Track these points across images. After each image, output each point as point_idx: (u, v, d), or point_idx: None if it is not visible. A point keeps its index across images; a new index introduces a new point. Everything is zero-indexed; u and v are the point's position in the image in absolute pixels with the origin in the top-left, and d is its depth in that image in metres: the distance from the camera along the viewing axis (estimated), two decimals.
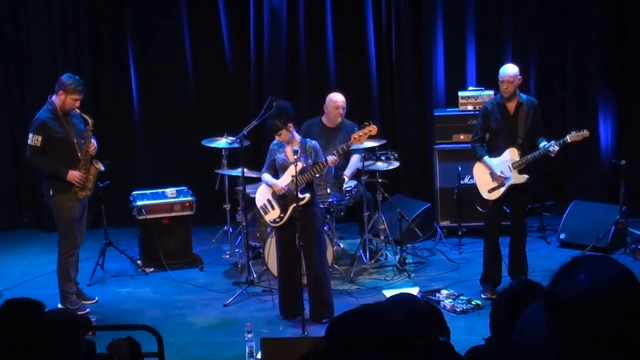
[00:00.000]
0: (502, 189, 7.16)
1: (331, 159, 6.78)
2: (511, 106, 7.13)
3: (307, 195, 6.76)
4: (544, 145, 7.03)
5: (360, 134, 6.94)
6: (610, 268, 1.91)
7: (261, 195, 7.10)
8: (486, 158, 7.21)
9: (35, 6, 9.70)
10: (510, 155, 7.13)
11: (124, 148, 9.89)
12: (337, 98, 8.24)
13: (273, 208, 7.00)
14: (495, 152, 7.21)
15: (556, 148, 7.00)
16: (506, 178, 7.10)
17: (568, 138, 7.10)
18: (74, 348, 3.55)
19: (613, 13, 9.31)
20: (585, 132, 7.11)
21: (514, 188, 7.16)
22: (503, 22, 9.46)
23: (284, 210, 6.92)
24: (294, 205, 6.73)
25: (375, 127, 6.99)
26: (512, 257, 7.37)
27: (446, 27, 9.49)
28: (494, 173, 7.13)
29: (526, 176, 7.14)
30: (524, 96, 7.22)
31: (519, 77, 7.15)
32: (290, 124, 6.78)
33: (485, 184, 7.24)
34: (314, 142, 6.98)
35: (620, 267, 1.92)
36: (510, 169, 7.12)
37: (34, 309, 3.36)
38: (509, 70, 7.12)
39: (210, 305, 7.47)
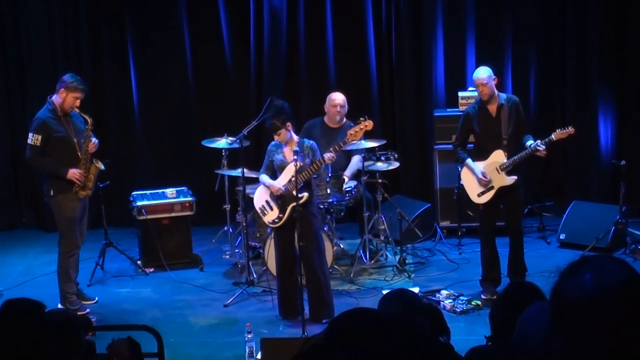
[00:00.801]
0: (492, 192, 7.12)
1: (328, 156, 6.77)
2: (492, 108, 7.10)
3: (305, 195, 6.75)
4: (530, 145, 7.01)
5: (357, 129, 6.92)
6: (617, 270, 1.90)
7: (259, 197, 7.10)
8: (469, 161, 7.18)
9: (35, 6, 9.69)
10: (497, 157, 7.09)
11: (124, 148, 9.88)
12: (336, 97, 8.25)
13: (271, 209, 7.00)
14: (482, 156, 7.17)
15: (542, 147, 6.98)
16: (488, 180, 7.09)
17: (553, 136, 7.06)
18: (74, 348, 3.55)
19: (613, 13, 9.30)
20: (570, 129, 7.07)
21: (504, 189, 7.13)
22: (503, 22, 9.45)
23: (282, 210, 6.91)
24: (293, 204, 6.73)
25: (370, 122, 6.95)
26: (509, 258, 7.35)
27: (446, 27, 9.48)
28: (477, 176, 7.12)
29: (515, 177, 7.08)
30: (503, 96, 7.18)
31: (494, 77, 7.11)
32: (289, 123, 6.79)
33: (474, 189, 7.21)
34: (311, 141, 6.98)
35: (627, 269, 1.90)
36: (497, 171, 7.09)
37: (34, 309, 3.36)
38: (481, 73, 7.09)
39: (210, 305, 7.46)
